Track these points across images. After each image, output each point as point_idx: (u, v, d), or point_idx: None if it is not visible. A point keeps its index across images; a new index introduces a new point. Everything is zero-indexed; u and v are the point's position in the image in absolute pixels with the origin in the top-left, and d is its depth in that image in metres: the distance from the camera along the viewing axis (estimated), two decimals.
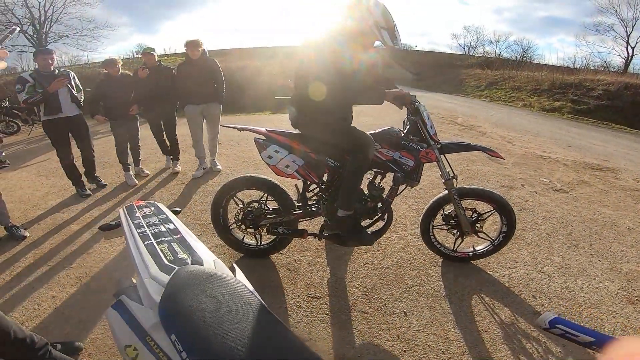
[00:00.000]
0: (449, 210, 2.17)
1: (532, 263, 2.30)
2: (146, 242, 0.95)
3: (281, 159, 2.03)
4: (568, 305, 1.93)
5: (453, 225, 2.17)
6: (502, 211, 2.09)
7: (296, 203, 2.15)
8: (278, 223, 2.14)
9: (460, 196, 2.04)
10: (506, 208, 2.07)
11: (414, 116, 1.95)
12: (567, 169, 4.31)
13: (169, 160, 4.37)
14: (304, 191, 2.14)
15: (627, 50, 21.67)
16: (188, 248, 0.94)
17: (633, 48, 21.39)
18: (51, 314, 1.90)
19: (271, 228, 2.15)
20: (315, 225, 2.55)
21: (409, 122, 2.01)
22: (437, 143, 1.97)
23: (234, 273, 0.92)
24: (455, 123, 7.05)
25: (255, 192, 2.21)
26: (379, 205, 2.06)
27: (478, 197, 2.10)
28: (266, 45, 21.20)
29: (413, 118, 1.96)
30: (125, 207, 1.17)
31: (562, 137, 6.60)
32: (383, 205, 2.05)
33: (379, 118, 7.13)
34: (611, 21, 22.22)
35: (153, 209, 1.15)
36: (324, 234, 2.12)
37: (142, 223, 1.05)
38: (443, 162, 1.98)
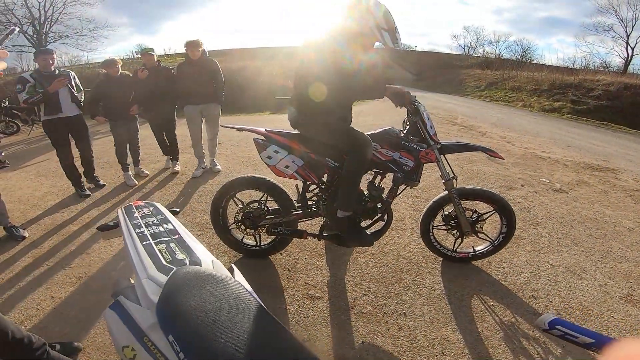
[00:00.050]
0: (449, 210, 2.17)
1: (532, 263, 2.30)
2: (144, 243, 0.94)
3: (281, 160, 2.03)
4: (568, 305, 1.93)
5: (453, 225, 2.16)
6: (502, 212, 2.09)
7: (296, 203, 2.14)
8: (278, 223, 2.14)
9: (460, 196, 2.04)
10: (506, 208, 2.07)
11: (414, 116, 1.95)
12: (567, 169, 4.31)
13: (169, 160, 4.37)
14: (304, 191, 2.14)
15: (627, 50, 21.74)
16: (186, 248, 0.94)
17: (633, 48, 21.45)
18: (50, 314, 1.90)
19: (271, 228, 2.15)
20: (314, 225, 2.55)
21: (409, 123, 2.01)
22: (437, 143, 1.96)
23: (233, 274, 0.91)
24: (455, 123, 7.05)
25: (254, 193, 2.21)
26: (379, 205, 2.06)
27: (478, 198, 2.10)
28: (266, 45, 21.24)
29: (413, 118, 1.96)
30: (123, 208, 1.17)
31: (562, 138, 6.61)
32: (383, 205, 2.05)
33: (379, 118, 7.14)
34: (611, 21, 22.28)
35: (151, 210, 1.15)
36: (324, 235, 2.12)
37: (141, 223, 1.05)
38: (443, 163, 1.98)
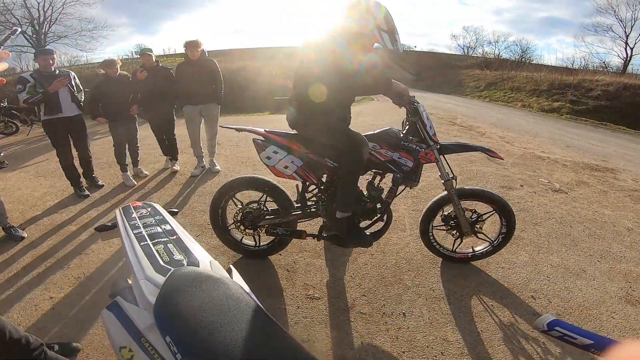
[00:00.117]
0: (449, 211, 2.17)
1: (531, 264, 2.30)
2: (142, 243, 0.94)
3: (280, 160, 2.02)
4: (567, 305, 1.93)
5: (452, 226, 2.16)
6: (502, 212, 2.09)
7: (295, 204, 2.14)
8: (277, 224, 2.14)
9: (459, 197, 2.04)
10: (506, 209, 2.07)
11: (413, 117, 1.95)
12: (566, 170, 4.31)
13: (168, 160, 4.37)
14: (303, 192, 2.13)
15: (626, 50, 21.74)
16: (184, 249, 0.94)
17: (632, 48, 21.45)
18: (49, 315, 1.89)
19: (270, 229, 2.14)
20: (314, 226, 2.55)
21: (408, 123, 2.00)
22: (437, 144, 1.96)
23: (231, 274, 0.91)
24: (454, 123, 7.05)
25: (254, 193, 2.20)
26: (378, 206, 2.06)
27: (477, 198, 2.10)
28: (266, 45, 21.22)
29: (412, 118, 1.96)
30: (121, 208, 1.17)
31: (561, 138, 6.61)
32: (382, 206, 2.05)
33: (378, 118, 7.14)
34: (610, 22, 22.26)
35: (150, 210, 1.14)
36: (323, 235, 2.11)
37: (139, 224, 1.04)
38: (442, 163, 1.97)
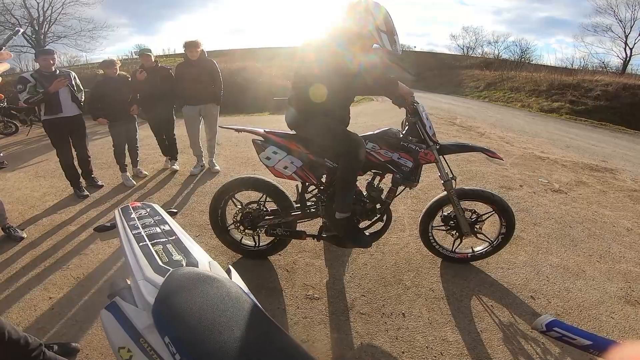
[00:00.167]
0: (448, 211, 2.16)
1: (531, 264, 2.30)
2: (141, 244, 0.94)
3: (279, 160, 2.02)
4: (566, 306, 1.93)
5: (452, 226, 2.16)
6: (502, 212, 2.08)
7: (295, 204, 2.14)
8: (276, 224, 2.14)
9: (459, 197, 2.04)
10: (505, 209, 2.07)
11: (413, 117, 1.94)
12: (566, 170, 4.32)
13: (168, 160, 4.37)
14: (303, 192, 2.13)
15: (625, 51, 21.73)
16: (183, 250, 0.94)
17: (631, 49, 21.44)
18: (48, 315, 1.89)
19: (270, 229, 2.14)
20: (313, 226, 2.55)
21: (408, 123, 2.00)
22: (436, 144, 1.96)
23: (230, 275, 0.91)
24: (454, 124, 7.04)
25: (253, 193, 2.20)
26: (378, 206, 2.05)
27: (477, 198, 2.10)
28: (267, 46, 21.19)
29: (412, 119, 1.96)
30: (120, 208, 1.17)
31: (561, 138, 6.61)
32: (382, 206, 2.05)
33: (378, 119, 7.14)
34: (609, 22, 22.26)
35: (149, 210, 1.14)
36: (323, 235, 2.11)
37: (137, 224, 1.04)
38: (442, 163, 1.97)
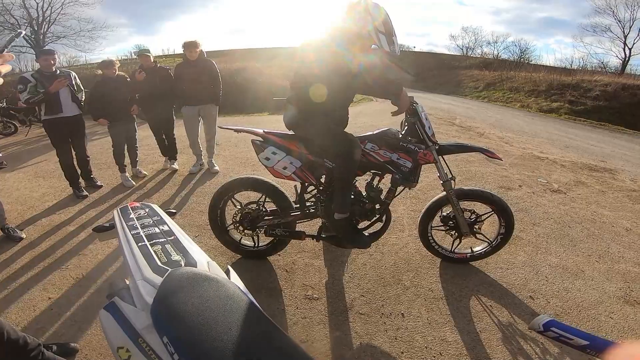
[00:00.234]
0: (447, 211, 2.17)
1: (530, 264, 2.30)
2: (140, 244, 0.94)
3: (279, 161, 2.02)
4: (565, 306, 1.93)
5: (451, 226, 2.16)
6: (501, 212, 2.09)
7: (294, 205, 2.14)
8: (276, 225, 2.14)
9: (458, 197, 2.04)
10: (505, 210, 2.07)
11: (412, 117, 1.95)
12: (565, 170, 4.32)
13: (167, 161, 4.37)
14: (302, 193, 2.13)
15: (624, 51, 21.72)
16: (182, 250, 0.94)
17: (630, 49, 21.44)
18: (47, 315, 1.89)
19: (269, 229, 2.14)
20: (313, 226, 2.55)
21: (407, 123, 2.00)
22: (435, 144, 1.96)
23: (229, 275, 0.91)
24: (453, 124, 7.05)
25: (253, 194, 2.20)
26: (377, 206, 2.05)
27: (476, 199, 2.10)
28: (267, 46, 21.19)
29: (411, 119, 1.96)
30: (119, 209, 1.17)
31: (560, 138, 6.62)
32: (381, 206, 2.05)
33: (377, 119, 7.14)
34: (608, 22, 22.25)
35: (147, 211, 1.14)
36: (322, 236, 2.11)
37: (136, 224, 1.04)
38: (441, 164, 1.98)
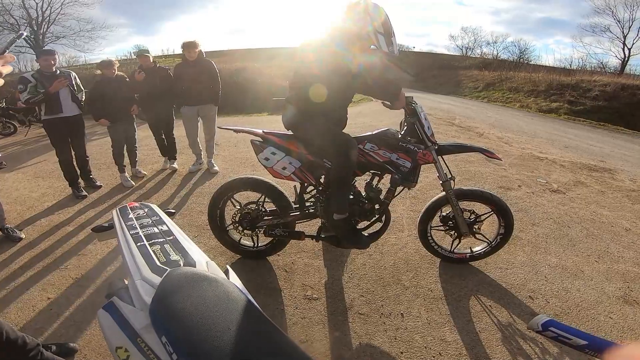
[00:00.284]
0: (447, 211, 2.16)
1: (529, 264, 2.30)
2: (138, 244, 0.94)
3: (278, 161, 2.02)
4: (565, 306, 1.93)
5: (451, 226, 2.16)
6: (500, 213, 2.09)
7: (293, 205, 2.14)
8: (275, 225, 2.13)
9: (458, 197, 2.04)
10: (504, 210, 2.07)
11: (411, 117, 1.95)
12: (564, 170, 4.32)
13: (166, 161, 4.37)
14: (301, 193, 2.13)
15: (624, 51, 21.71)
16: (181, 250, 0.94)
17: (629, 49, 21.43)
18: (46, 315, 1.89)
19: (268, 230, 2.14)
20: (312, 227, 2.55)
21: (406, 123, 2.01)
22: (435, 144, 1.96)
23: (227, 275, 0.91)
24: (452, 124, 7.05)
25: (252, 194, 2.20)
26: (377, 207, 2.05)
27: (476, 199, 2.10)
28: (267, 46, 21.19)
29: (410, 119, 1.96)
30: (118, 209, 1.16)
31: (559, 138, 6.62)
32: (380, 207, 2.05)
33: (377, 119, 7.14)
34: (608, 22, 22.24)
35: (146, 211, 1.14)
36: (321, 236, 2.11)
37: (135, 224, 1.04)
38: (440, 164, 1.98)
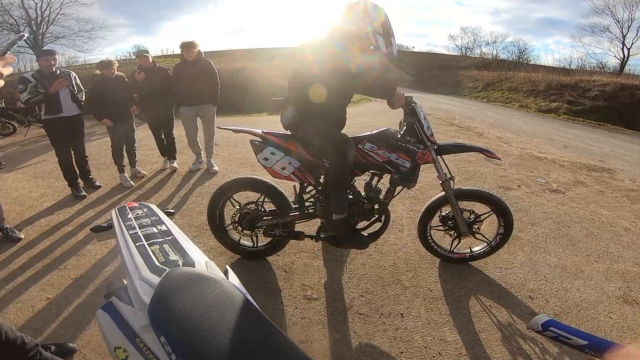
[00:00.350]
0: (447, 211, 2.16)
1: (529, 264, 2.30)
2: (137, 244, 0.94)
3: (277, 161, 2.02)
4: (565, 306, 1.93)
5: (450, 226, 2.16)
6: (500, 212, 2.09)
7: (293, 205, 2.14)
8: (275, 225, 2.13)
9: (457, 197, 2.04)
10: (504, 209, 2.07)
11: (411, 117, 1.95)
12: (564, 170, 4.33)
13: (166, 161, 4.37)
14: (301, 193, 2.13)
15: (623, 51, 21.70)
16: (180, 250, 0.93)
17: (629, 49, 21.44)
18: (45, 316, 1.88)
19: (268, 230, 2.14)
20: (312, 227, 2.55)
21: (406, 123, 2.00)
22: (434, 144, 1.96)
23: (227, 275, 0.91)
24: (452, 124, 7.06)
25: (252, 194, 2.20)
26: (376, 207, 2.05)
27: (475, 199, 2.10)
28: (266, 46, 21.17)
29: (410, 119, 1.96)
30: (117, 209, 1.16)
31: (559, 138, 6.63)
32: (380, 206, 2.04)
33: (376, 119, 7.14)
34: (607, 22, 22.24)
35: (145, 211, 1.14)
36: (321, 236, 2.11)
37: (134, 224, 1.04)
38: (440, 164, 1.98)
